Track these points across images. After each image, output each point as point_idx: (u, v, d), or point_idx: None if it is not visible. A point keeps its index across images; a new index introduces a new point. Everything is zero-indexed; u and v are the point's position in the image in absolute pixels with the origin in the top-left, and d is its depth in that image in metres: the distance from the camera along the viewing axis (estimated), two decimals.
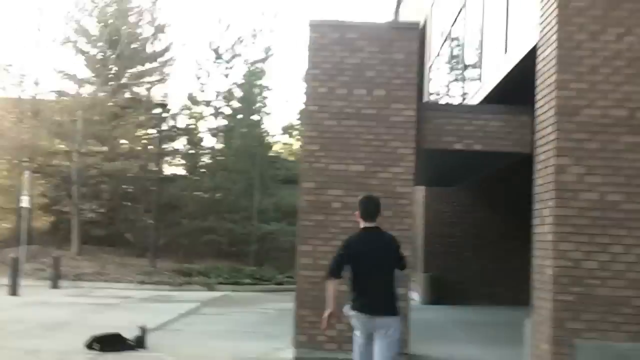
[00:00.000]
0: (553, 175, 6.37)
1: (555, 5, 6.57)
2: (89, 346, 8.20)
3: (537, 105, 7.11)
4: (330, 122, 8.53)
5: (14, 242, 21.05)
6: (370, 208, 5.45)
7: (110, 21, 24.24)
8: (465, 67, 12.78)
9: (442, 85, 15.53)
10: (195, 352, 8.46)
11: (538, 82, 7.12)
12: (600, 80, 6.44)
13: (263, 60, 28.72)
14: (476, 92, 11.17)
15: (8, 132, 23.12)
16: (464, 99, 12.30)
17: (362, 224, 5.43)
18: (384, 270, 5.25)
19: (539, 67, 7.08)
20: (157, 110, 22.84)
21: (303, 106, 8.81)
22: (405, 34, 8.70)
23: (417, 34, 8.81)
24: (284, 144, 31.45)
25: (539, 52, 7.11)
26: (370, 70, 8.57)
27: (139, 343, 8.41)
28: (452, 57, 14.24)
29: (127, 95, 25.72)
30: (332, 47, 8.64)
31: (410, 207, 8.49)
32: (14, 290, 15.05)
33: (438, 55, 15.77)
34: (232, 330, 10.56)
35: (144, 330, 8.54)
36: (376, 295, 5.18)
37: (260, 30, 28.81)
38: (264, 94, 28.67)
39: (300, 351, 8.09)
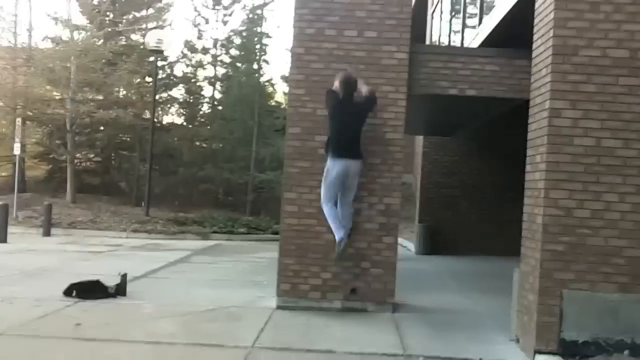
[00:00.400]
0: (547, 119, 6.02)
1: None
2: (67, 293, 8.00)
3: (534, 46, 6.71)
4: (318, 65, 8.15)
5: (9, 191, 20.89)
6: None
7: None
8: (466, 10, 12.32)
9: (443, 31, 15.05)
10: (176, 300, 8.25)
11: (536, 21, 6.71)
12: (601, 19, 6.04)
13: (262, 7, 28.10)
14: (475, 36, 10.75)
15: (1, 79, 22.74)
16: (462, 44, 11.88)
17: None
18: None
19: (537, 4, 6.67)
20: (154, 58, 22.29)
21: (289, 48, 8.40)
22: None
23: None
24: (284, 92, 30.98)
25: None
26: (361, 10, 8.15)
27: (119, 290, 8.20)
28: (454, 1, 13.75)
29: (123, 41, 25.19)
30: None
31: (401, 155, 8.16)
32: (2, 237, 14.87)
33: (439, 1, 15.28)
34: (219, 279, 10.37)
35: (124, 277, 8.33)
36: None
37: None
38: (264, 41, 28.12)
39: (283, 299, 7.88)
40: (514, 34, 8.42)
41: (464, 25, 12.45)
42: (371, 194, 8.05)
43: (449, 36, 14.10)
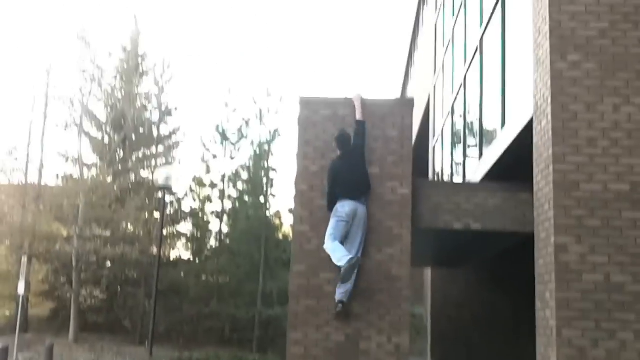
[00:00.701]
0: (553, 255, 5.93)
1: (548, 76, 6.29)
2: None
3: (535, 180, 6.74)
4: (322, 201, 8.19)
5: (10, 331, 20.53)
6: None
7: (118, 106, 24.32)
8: (466, 143, 12.51)
9: (445, 162, 15.25)
10: None
11: (535, 156, 6.77)
12: (599, 154, 6.08)
13: (269, 142, 28.74)
14: (477, 168, 10.85)
15: (10, 218, 22.95)
16: (465, 176, 11.97)
17: None
18: None
19: (535, 140, 6.76)
20: (162, 194, 22.56)
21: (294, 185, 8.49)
22: (399, 111, 8.45)
23: (411, 109, 8.55)
24: (290, 225, 31.03)
25: (534, 124, 6.80)
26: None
27: None
28: (454, 133, 14.00)
29: (132, 178, 25.61)
30: (324, 124, 8.39)
31: (408, 291, 8.00)
32: None
33: (441, 132, 15.57)
34: None
35: None
36: None
37: (267, 112, 28.96)
38: (271, 175, 28.56)
39: None
40: (516, 165, 8.48)
41: (465, 156, 12.61)
42: (380, 333, 7.81)
43: (451, 167, 14.26)
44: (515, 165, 8.54)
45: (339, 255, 7.64)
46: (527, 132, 7.18)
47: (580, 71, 6.19)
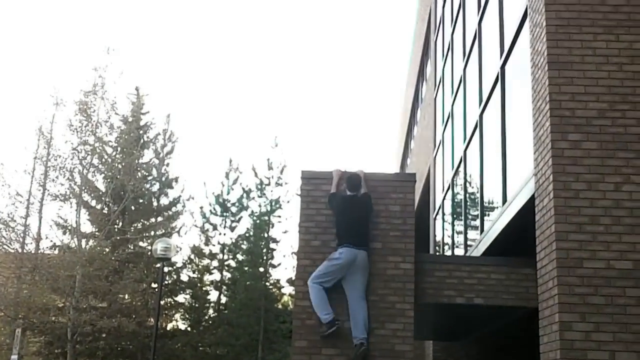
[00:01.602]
0: (558, 332, 5.91)
1: (549, 155, 6.40)
2: None
3: (538, 257, 6.77)
4: None
5: None
6: None
7: (118, 177, 24.48)
8: (467, 217, 12.57)
9: (446, 236, 15.27)
10: None
11: (537, 233, 6.82)
12: (602, 232, 6.14)
13: (269, 214, 28.84)
14: (478, 243, 10.87)
15: (4, 289, 22.75)
16: (466, 251, 11.99)
17: None
18: None
19: (537, 217, 6.82)
20: (160, 265, 22.45)
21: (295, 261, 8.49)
22: (401, 186, 8.53)
23: (412, 185, 8.64)
24: (290, 295, 30.83)
25: (536, 202, 6.87)
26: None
27: None
28: (454, 207, 14.08)
29: (130, 248, 25.56)
30: (326, 199, 8.46)
31: None
32: None
33: (442, 205, 15.65)
34: None
35: None
36: None
37: (268, 183, 29.17)
38: (271, 245, 28.56)
39: None
40: (518, 240, 8.52)
41: (466, 230, 12.65)
42: None
43: (452, 240, 14.28)
44: (517, 240, 8.57)
45: (318, 307, 7.75)
46: (528, 209, 7.25)
47: (581, 150, 6.31)
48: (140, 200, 27.05)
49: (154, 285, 24.62)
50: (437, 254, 15.98)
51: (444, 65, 15.56)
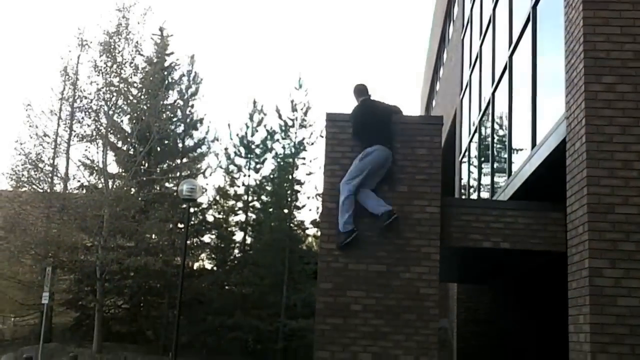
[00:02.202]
0: (587, 279, 5.85)
1: (582, 98, 6.22)
2: None
3: (568, 202, 6.66)
4: None
5: (35, 340, 20.71)
6: None
7: (143, 118, 24.52)
8: (494, 161, 12.43)
9: (472, 180, 15.15)
10: None
11: (568, 177, 6.70)
12: (635, 177, 6.00)
13: (294, 155, 28.79)
14: (506, 187, 10.76)
15: (34, 228, 23.17)
16: (493, 195, 11.88)
17: None
18: None
19: (568, 162, 6.68)
20: (186, 206, 22.66)
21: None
22: (428, 129, 8.40)
23: (440, 128, 8.50)
24: (314, 237, 31.04)
25: (568, 145, 6.72)
26: (391, 165, 8.24)
27: None
28: (481, 150, 13.92)
29: (157, 189, 25.78)
30: (351, 141, 8.36)
31: (436, 310, 7.92)
32: None
33: (468, 149, 15.49)
34: None
35: None
36: None
37: (292, 125, 29.04)
38: (295, 187, 28.61)
39: None
40: (546, 185, 8.40)
41: (493, 174, 12.52)
42: (407, 352, 7.74)
43: (479, 183, 14.18)
44: (546, 184, 8.45)
45: (342, 219, 7.79)
46: (558, 153, 7.10)
47: (615, 94, 6.12)
48: (166, 142, 27.12)
49: (180, 225, 24.89)
50: (463, 197, 15.89)
51: (472, 5, 15.15)
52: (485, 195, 13.00)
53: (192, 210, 25.12)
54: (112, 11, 23.29)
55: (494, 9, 12.02)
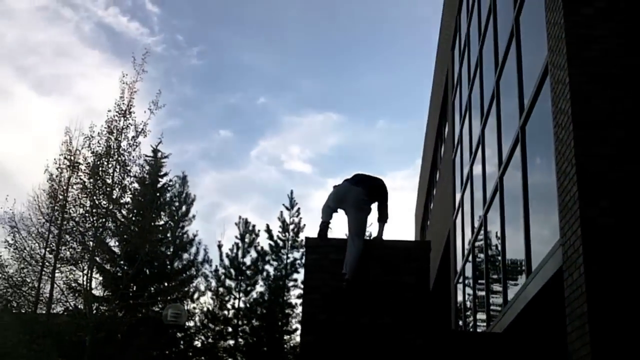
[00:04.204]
0: None
1: (577, 224, 5.71)
2: None
3: (569, 339, 6.01)
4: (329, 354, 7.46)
5: None
6: None
7: (132, 240, 23.91)
8: (489, 288, 11.81)
9: (468, 302, 14.46)
10: None
11: (567, 311, 6.07)
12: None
13: (285, 277, 28.10)
14: (501, 317, 10.09)
15: (15, 354, 22.13)
16: (489, 323, 11.17)
17: None
18: None
19: (566, 293, 6.08)
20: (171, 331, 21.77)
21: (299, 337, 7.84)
22: (416, 255, 7.89)
23: (428, 254, 7.98)
24: None
25: (565, 276, 6.14)
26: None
27: None
28: (475, 275, 13.32)
29: (143, 313, 24.86)
30: (333, 268, 7.80)
31: None
32: None
33: (462, 271, 14.90)
34: None
35: None
36: None
37: (283, 246, 28.56)
38: (287, 311, 27.73)
39: None
40: (544, 315, 7.78)
41: (488, 298, 11.89)
42: None
43: (474, 308, 13.49)
44: (543, 315, 7.83)
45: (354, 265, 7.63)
46: (555, 282, 6.52)
47: (613, 218, 5.62)
48: (155, 264, 26.44)
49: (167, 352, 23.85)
50: (458, 326, 15.10)
51: (461, 125, 15.03)
52: (481, 316, 12.27)
53: (178, 335, 24.14)
54: (103, 133, 22.94)
55: (482, 130, 11.79)
